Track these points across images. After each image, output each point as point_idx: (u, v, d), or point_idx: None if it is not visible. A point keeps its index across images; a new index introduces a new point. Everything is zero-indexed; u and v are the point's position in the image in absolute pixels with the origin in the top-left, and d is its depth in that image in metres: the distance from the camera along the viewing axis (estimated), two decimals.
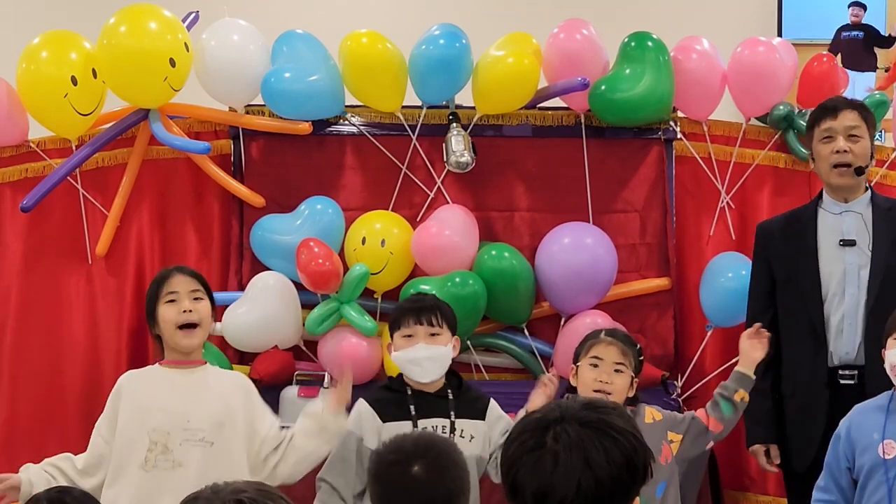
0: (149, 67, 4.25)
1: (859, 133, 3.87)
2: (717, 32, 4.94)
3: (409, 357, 3.53)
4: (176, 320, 3.41)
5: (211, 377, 3.48)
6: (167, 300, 3.43)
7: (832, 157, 3.86)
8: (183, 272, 3.51)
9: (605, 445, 1.84)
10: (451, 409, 3.53)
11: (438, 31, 4.45)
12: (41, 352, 4.44)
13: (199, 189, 4.60)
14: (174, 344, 3.42)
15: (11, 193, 4.48)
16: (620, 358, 3.55)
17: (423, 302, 3.64)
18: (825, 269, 3.86)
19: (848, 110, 3.89)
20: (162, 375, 3.44)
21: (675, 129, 4.61)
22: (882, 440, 3.33)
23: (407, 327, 3.55)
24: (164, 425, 3.35)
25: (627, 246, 4.59)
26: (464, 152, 4.43)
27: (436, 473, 2.45)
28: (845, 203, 3.90)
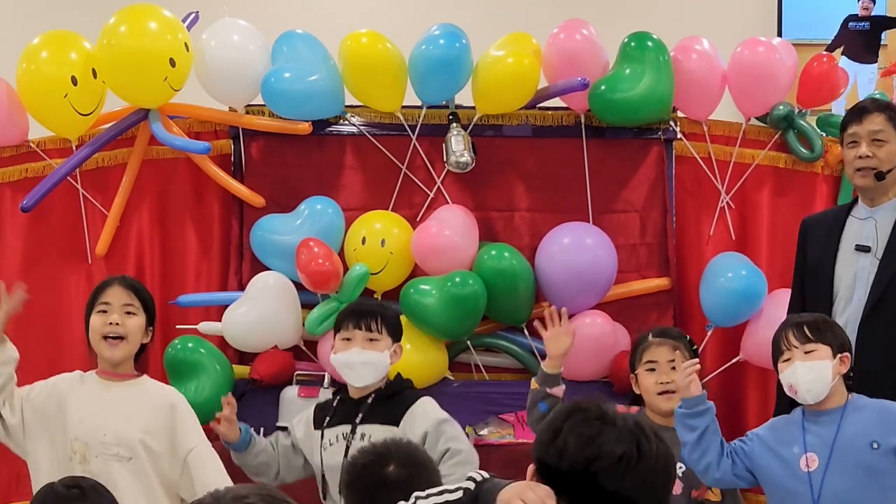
0: (149, 67, 4.25)
1: (884, 137, 3.88)
2: (717, 32, 4.94)
3: (345, 360, 3.58)
4: (101, 331, 3.47)
5: (140, 393, 3.51)
6: (99, 309, 3.50)
7: (855, 161, 3.87)
8: (122, 283, 3.54)
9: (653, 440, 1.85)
10: (361, 412, 3.54)
11: (438, 31, 4.45)
12: (41, 351, 4.44)
13: (199, 189, 4.59)
14: (99, 353, 3.49)
15: (11, 193, 4.47)
16: (673, 355, 3.59)
17: (365, 306, 3.68)
18: (839, 272, 3.88)
19: (874, 114, 3.89)
20: (92, 385, 3.50)
21: (675, 129, 4.61)
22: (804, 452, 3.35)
23: (346, 330, 3.60)
24: (82, 436, 3.41)
25: (627, 246, 4.59)
26: (464, 152, 4.43)
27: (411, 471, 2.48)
28: (872, 207, 3.90)
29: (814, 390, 3.34)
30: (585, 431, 1.83)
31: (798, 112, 4.63)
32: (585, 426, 1.84)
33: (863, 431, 3.31)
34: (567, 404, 1.94)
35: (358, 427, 3.53)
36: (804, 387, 3.34)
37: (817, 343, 3.35)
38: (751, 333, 4.41)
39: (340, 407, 3.63)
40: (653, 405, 3.64)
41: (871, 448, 3.29)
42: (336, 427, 3.58)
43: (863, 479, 3.28)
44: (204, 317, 4.43)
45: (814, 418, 3.38)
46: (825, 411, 3.37)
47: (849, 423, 3.34)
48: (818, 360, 3.33)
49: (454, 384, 4.44)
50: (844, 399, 3.38)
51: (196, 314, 4.44)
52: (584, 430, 1.84)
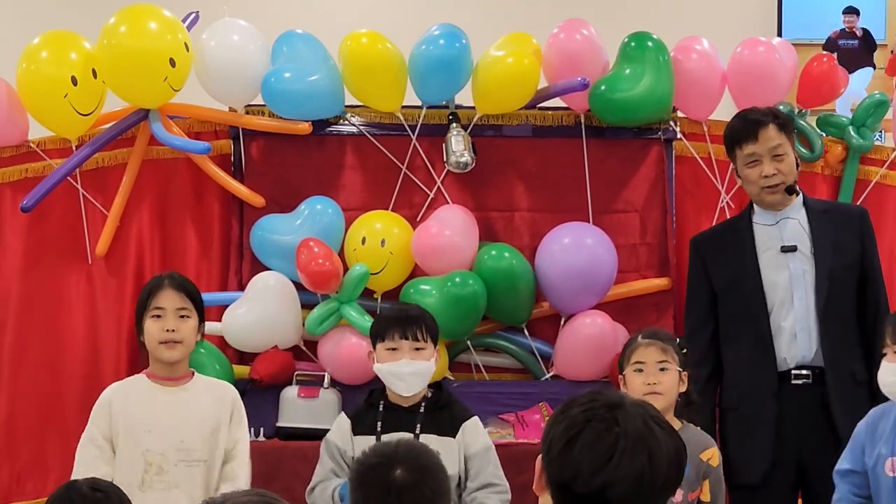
0: (149, 67, 4.25)
1: (782, 150, 3.86)
2: (717, 32, 4.94)
3: (393, 371, 3.53)
4: (159, 337, 3.46)
5: (199, 392, 3.50)
6: (153, 314, 3.48)
7: (761, 180, 3.86)
8: (173, 286, 3.53)
9: (663, 438, 1.81)
10: (419, 422, 3.53)
11: (438, 31, 4.45)
12: (41, 352, 4.44)
13: (199, 189, 4.59)
14: (157, 357, 3.47)
15: (11, 193, 4.47)
16: (662, 356, 3.55)
17: (409, 313, 3.63)
18: (768, 278, 3.86)
19: (767, 128, 3.86)
20: (150, 391, 3.47)
21: (675, 129, 4.61)
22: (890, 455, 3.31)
23: (391, 340, 3.55)
24: (158, 446, 3.38)
25: (627, 246, 4.59)
26: (464, 152, 4.43)
27: (417, 476, 2.47)
28: (779, 212, 3.90)
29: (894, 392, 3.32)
30: (599, 449, 1.80)
31: (798, 112, 4.64)
32: (598, 443, 1.80)
33: None
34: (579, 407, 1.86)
35: (420, 437, 3.49)
36: (885, 388, 3.33)
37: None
38: None
39: (390, 414, 3.56)
40: None
41: None
42: (394, 433, 3.49)
43: None
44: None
45: None
46: None
47: None
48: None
49: (454, 384, 4.43)
50: None
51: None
52: (597, 447, 1.80)
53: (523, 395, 4.29)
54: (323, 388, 4.31)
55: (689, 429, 3.57)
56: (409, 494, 2.44)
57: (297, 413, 4.27)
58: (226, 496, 1.84)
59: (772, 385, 3.81)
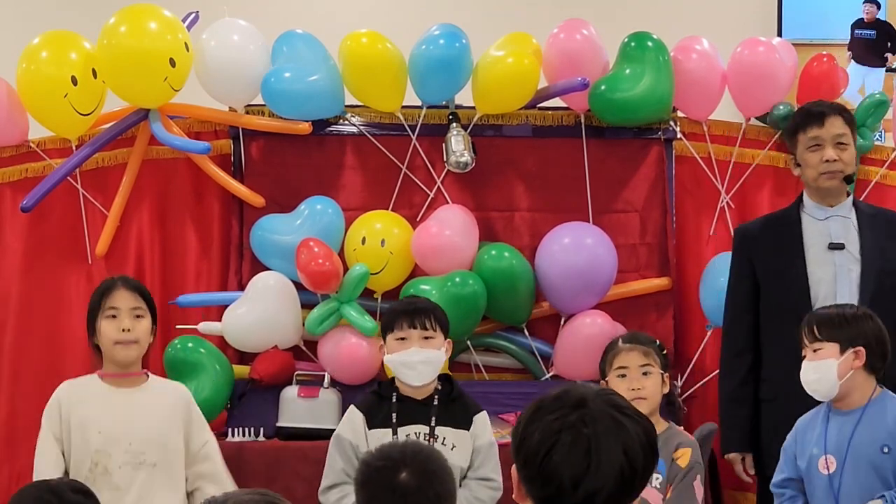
0: (149, 67, 4.25)
1: (846, 140, 3.87)
2: (717, 32, 4.94)
3: (403, 360, 3.54)
4: (114, 337, 3.46)
5: (152, 393, 3.49)
6: (108, 315, 3.48)
7: (822, 165, 3.85)
8: (127, 286, 3.53)
9: (634, 428, 1.82)
10: (433, 415, 3.53)
11: (438, 31, 4.45)
12: (41, 352, 4.44)
13: (199, 189, 4.59)
14: (111, 357, 3.46)
15: (11, 193, 4.47)
16: (644, 360, 3.54)
17: (417, 304, 3.65)
18: (814, 273, 3.85)
19: (834, 117, 3.87)
20: (102, 392, 3.46)
21: (675, 129, 4.61)
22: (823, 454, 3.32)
23: (401, 330, 3.56)
24: (105, 447, 3.38)
25: (627, 246, 4.59)
26: (464, 152, 4.43)
27: (423, 480, 2.47)
28: (830, 208, 3.89)
29: (819, 390, 3.32)
30: (575, 460, 1.80)
31: None
32: (573, 454, 1.81)
33: (876, 433, 3.27)
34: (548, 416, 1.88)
35: (436, 429, 3.51)
36: (808, 387, 3.33)
37: (823, 341, 3.31)
38: None
39: (404, 407, 3.56)
40: None
41: (881, 452, 3.25)
42: (409, 426, 3.52)
43: (874, 483, 3.24)
44: (204, 317, 4.43)
45: (836, 416, 3.34)
46: (848, 411, 3.32)
47: (865, 423, 3.29)
48: (822, 360, 3.30)
49: None
50: (869, 396, 3.32)
51: (196, 314, 4.44)
52: (572, 459, 1.80)
53: (523, 395, 4.28)
54: (323, 388, 4.31)
55: (671, 429, 3.56)
56: (415, 497, 2.44)
57: (297, 413, 4.26)
58: (227, 495, 1.84)
59: None
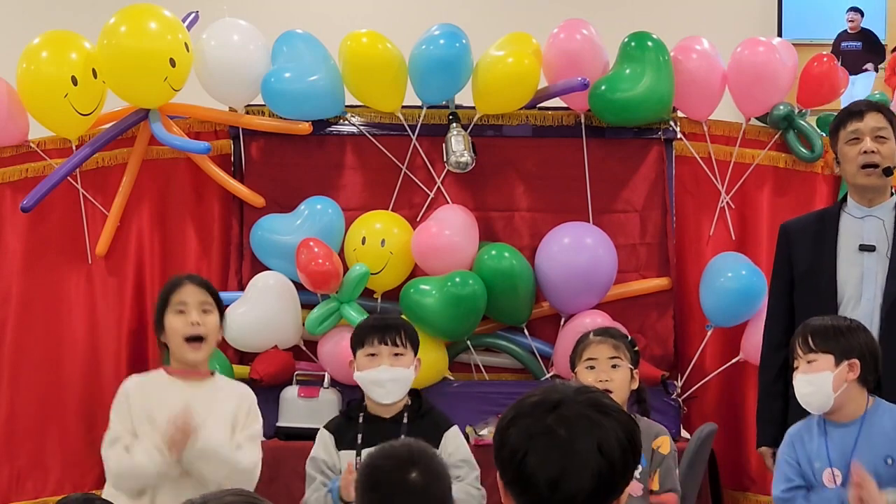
0: (149, 67, 4.25)
1: (886, 134, 3.84)
2: (717, 32, 4.94)
3: (372, 378, 3.49)
4: (183, 332, 3.37)
5: (219, 390, 3.45)
6: (176, 310, 3.39)
7: (860, 157, 3.81)
8: (194, 282, 3.45)
9: (612, 427, 1.82)
10: (403, 433, 3.47)
11: (438, 31, 4.45)
12: (41, 352, 4.44)
13: (199, 189, 4.60)
14: (181, 356, 3.39)
15: (11, 193, 4.47)
16: (613, 353, 3.54)
17: (388, 321, 3.60)
18: (843, 273, 3.83)
19: (873, 112, 3.86)
20: (171, 385, 3.40)
21: (675, 129, 4.61)
22: (828, 466, 3.29)
23: (371, 346, 3.51)
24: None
25: (627, 246, 4.59)
26: (464, 152, 4.43)
27: (431, 478, 2.48)
28: (869, 207, 3.86)
29: (813, 403, 3.28)
30: (550, 468, 1.80)
31: (798, 112, 4.64)
32: (547, 461, 1.82)
33: (878, 445, 3.24)
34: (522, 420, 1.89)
35: None
36: (802, 399, 3.29)
37: (818, 353, 3.26)
38: (751, 333, 4.41)
39: (371, 426, 3.51)
40: None
41: (885, 464, 3.21)
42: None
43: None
44: None
45: (834, 429, 3.31)
46: (845, 423, 3.28)
47: (865, 435, 3.26)
48: (816, 372, 3.25)
49: (454, 384, 4.44)
50: (864, 407, 3.28)
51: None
52: (548, 466, 1.81)
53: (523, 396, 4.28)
54: (323, 388, 4.31)
55: (642, 421, 3.56)
56: (424, 496, 2.45)
57: (297, 413, 4.27)
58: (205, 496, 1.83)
59: None
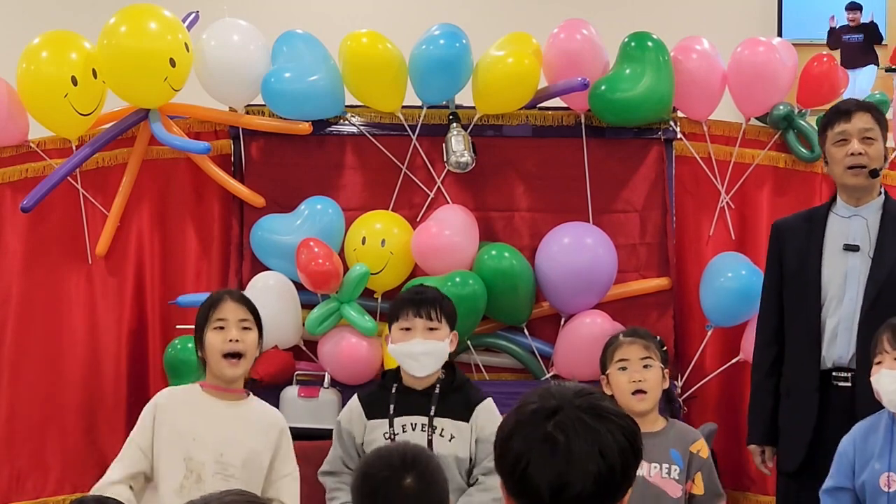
0: (149, 67, 4.25)
1: (873, 135, 3.85)
2: (717, 32, 4.94)
3: (406, 351, 3.51)
4: (222, 348, 3.36)
5: (252, 412, 3.44)
6: (215, 326, 3.39)
7: (847, 159, 3.83)
8: (234, 298, 3.45)
9: (610, 430, 1.83)
10: (433, 404, 3.51)
11: (438, 31, 4.45)
12: (41, 352, 4.44)
13: (199, 189, 4.60)
14: (218, 372, 3.38)
15: (11, 193, 4.48)
16: (645, 353, 3.56)
17: (424, 294, 3.60)
18: (827, 273, 3.84)
19: (861, 112, 3.87)
20: (204, 402, 3.39)
21: (675, 129, 4.61)
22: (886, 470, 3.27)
23: (405, 319, 3.53)
24: (200, 455, 3.32)
25: (627, 246, 4.59)
26: (464, 152, 4.43)
27: (426, 485, 2.47)
28: (856, 206, 3.87)
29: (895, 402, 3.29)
30: (550, 474, 1.81)
31: (798, 112, 4.64)
32: (546, 468, 1.82)
33: None
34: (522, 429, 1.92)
35: (434, 419, 3.48)
36: (886, 397, 3.28)
37: None
38: (750, 333, 4.40)
39: (403, 397, 3.54)
40: (626, 405, 3.54)
41: None
42: (406, 417, 3.50)
43: None
44: None
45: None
46: None
47: None
48: None
49: None
50: None
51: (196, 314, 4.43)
52: (547, 472, 1.81)
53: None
54: (323, 388, 4.32)
55: (677, 423, 3.59)
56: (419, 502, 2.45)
57: (297, 413, 4.26)
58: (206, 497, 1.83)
59: (814, 380, 3.80)
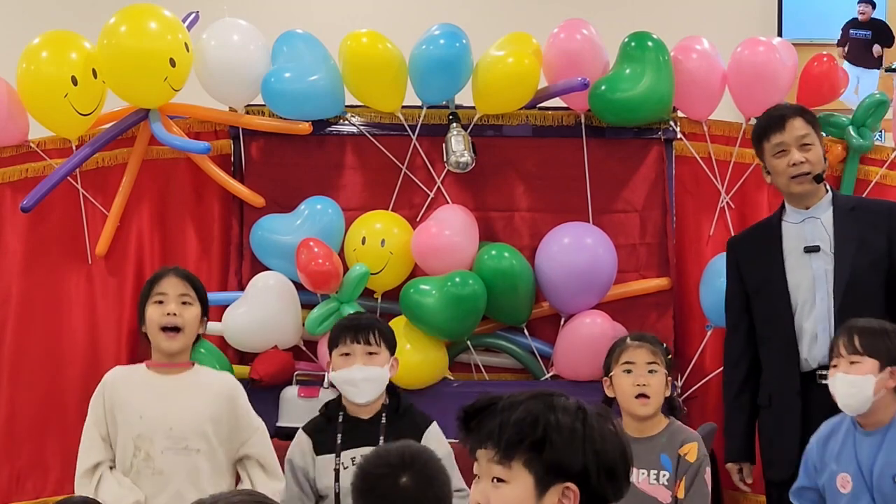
0: (149, 67, 4.25)
1: (810, 140, 3.89)
2: (717, 32, 4.94)
3: (346, 377, 3.53)
4: (159, 322, 3.43)
5: (197, 381, 3.47)
6: (155, 300, 3.46)
7: (789, 169, 3.87)
8: (177, 274, 3.51)
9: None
10: (381, 434, 3.51)
11: (438, 31, 4.45)
12: (41, 352, 4.44)
13: (199, 189, 4.59)
14: (157, 346, 3.45)
15: (11, 193, 4.47)
16: (652, 358, 3.56)
17: (361, 320, 3.65)
18: (793, 278, 3.87)
19: (794, 119, 3.89)
20: (146, 378, 3.45)
21: (675, 129, 4.61)
22: (841, 472, 3.31)
23: (344, 346, 3.55)
24: (147, 432, 3.36)
25: (627, 246, 4.59)
26: (464, 152, 4.43)
27: (424, 483, 2.48)
28: (807, 210, 3.91)
29: (851, 405, 3.29)
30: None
31: None
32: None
33: (892, 460, 3.24)
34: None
35: None
36: (840, 400, 3.31)
37: (864, 355, 3.27)
38: None
39: (350, 427, 3.55)
40: (628, 408, 3.58)
41: (893, 482, 3.22)
42: (355, 449, 3.50)
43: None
44: None
45: (860, 436, 3.32)
46: (871, 431, 3.29)
47: (886, 447, 3.26)
48: (859, 375, 3.26)
49: (454, 384, 4.44)
50: (890, 417, 3.28)
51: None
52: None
53: None
54: (323, 388, 4.31)
55: (673, 424, 3.59)
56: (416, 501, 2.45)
57: (297, 413, 4.26)
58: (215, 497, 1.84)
59: (795, 385, 3.83)
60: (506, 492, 1.92)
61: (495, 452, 1.94)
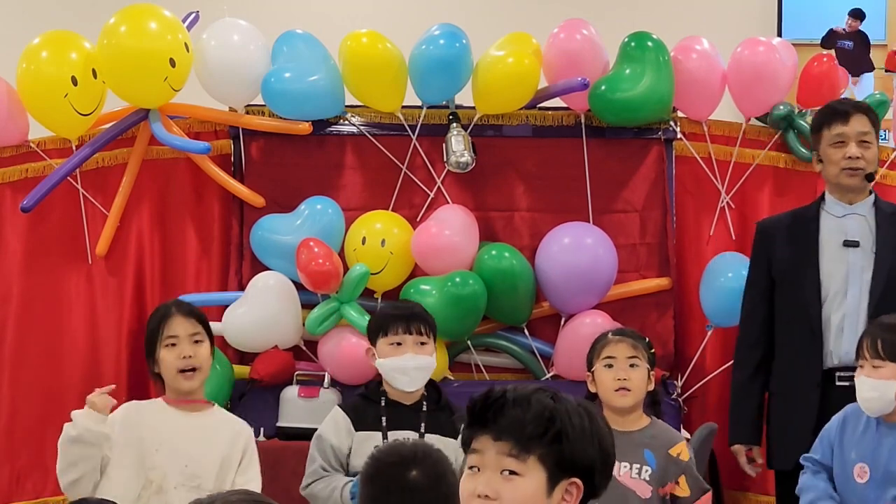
0: (149, 67, 4.25)
1: (870, 139, 3.89)
2: (717, 32, 4.94)
3: (397, 365, 3.54)
4: (177, 365, 3.40)
5: (215, 422, 3.45)
6: (167, 343, 3.42)
7: (844, 161, 3.86)
8: (182, 312, 3.47)
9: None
10: (423, 421, 3.54)
11: (438, 31, 4.45)
12: (41, 352, 4.44)
13: (199, 189, 4.59)
14: (175, 386, 3.42)
15: (11, 193, 4.47)
16: (633, 352, 3.55)
17: (414, 310, 3.66)
18: (826, 270, 3.87)
19: (859, 115, 3.89)
20: (165, 411, 3.41)
21: (675, 129, 4.61)
22: (860, 462, 3.32)
23: (395, 334, 3.56)
24: (163, 466, 3.33)
25: (627, 246, 4.59)
26: (464, 152, 4.43)
27: (432, 479, 2.49)
28: (849, 205, 3.89)
29: (873, 407, 3.32)
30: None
31: (798, 112, 4.64)
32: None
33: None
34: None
35: (425, 436, 3.50)
36: (863, 403, 3.33)
37: (887, 361, 3.29)
38: None
39: (393, 412, 3.57)
40: (609, 402, 3.56)
41: None
42: (399, 431, 3.52)
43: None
44: None
45: (881, 428, 3.33)
46: (893, 424, 3.31)
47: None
48: (883, 379, 3.28)
49: (454, 384, 4.43)
50: None
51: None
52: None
53: None
54: (323, 388, 4.31)
55: (658, 424, 3.58)
56: (423, 496, 2.46)
57: (297, 413, 4.26)
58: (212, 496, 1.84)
59: (816, 377, 3.83)
60: (519, 484, 1.94)
61: (512, 446, 1.95)
